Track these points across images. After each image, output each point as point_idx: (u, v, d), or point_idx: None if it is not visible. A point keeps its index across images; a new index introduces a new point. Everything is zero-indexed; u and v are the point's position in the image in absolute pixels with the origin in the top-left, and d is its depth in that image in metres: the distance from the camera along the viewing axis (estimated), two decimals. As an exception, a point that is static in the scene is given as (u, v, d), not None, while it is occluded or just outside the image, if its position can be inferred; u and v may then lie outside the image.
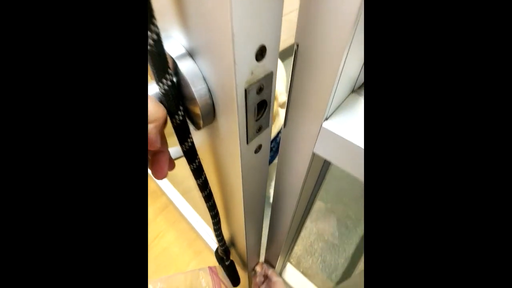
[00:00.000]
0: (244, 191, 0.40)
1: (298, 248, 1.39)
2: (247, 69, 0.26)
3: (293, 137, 0.38)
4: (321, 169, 0.52)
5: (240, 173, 0.36)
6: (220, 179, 0.45)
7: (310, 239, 1.44)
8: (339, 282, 1.32)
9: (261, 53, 0.27)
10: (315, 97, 0.32)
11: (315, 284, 1.25)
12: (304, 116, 0.35)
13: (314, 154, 0.37)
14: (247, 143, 0.33)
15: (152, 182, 1.66)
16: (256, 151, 0.37)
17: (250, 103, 0.29)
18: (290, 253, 1.07)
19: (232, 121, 0.30)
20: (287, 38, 2.26)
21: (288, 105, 0.36)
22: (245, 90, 0.28)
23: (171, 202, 1.55)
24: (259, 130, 0.34)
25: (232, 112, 0.29)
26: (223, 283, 0.77)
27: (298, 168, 0.42)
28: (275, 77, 0.31)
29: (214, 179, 0.47)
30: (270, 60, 0.29)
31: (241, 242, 0.64)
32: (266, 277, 0.84)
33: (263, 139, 0.36)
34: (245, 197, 0.42)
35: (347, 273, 1.34)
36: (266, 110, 0.33)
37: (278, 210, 0.59)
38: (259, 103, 0.31)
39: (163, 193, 1.61)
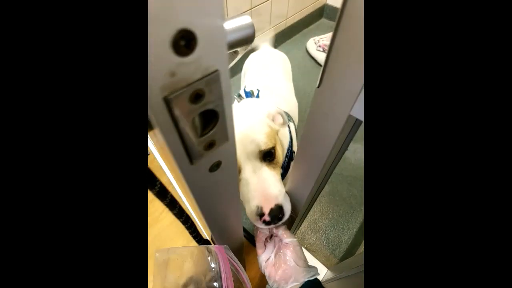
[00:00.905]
0: (203, 212, 0.31)
1: (302, 225, 1.34)
2: (162, 69, 0.16)
3: (328, 98, 0.33)
4: (348, 134, 0.44)
5: (192, 195, 0.27)
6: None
7: (314, 216, 1.38)
8: (342, 258, 1.29)
9: (187, 43, 0.16)
10: (359, 57, 0.25)
11: (319, 260, 1.23)
12: (344, 76, 0.29)
13: (349, 117, 0.33)
14: (191, 163, 0.23)
15: (155, 162, 1.60)
16: (213, 169, 0.27)
17: (182, 116, 0.19)
18: (299, 227, 1.01)
19: (161, 140, 0.20)
20: (295, 13, 2.05)
21: (326, 64, 0.30)
22: (165, 100, 0.17)
23: (171, 183, 1.50)
24: (211, 146, 0.24)
25: (156, 129, 0.19)
26: (233, 262, 0.65)
27: (328, 130, 0.36)
28: (227, 76, 0.20)
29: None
30: (208, 53, 0.18)
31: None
32: (271, 236, 0.66)
33: (223, 155, 0.26)
34: (207, 216, 0.33)
35: (350, 250, 1.31)
36: (219, 122, 0.22)
37: (300, 174, 0.51)
38: (203, 114, 0.21)
39: (164, 174, 1.55)
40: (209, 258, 0.62)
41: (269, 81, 1.04)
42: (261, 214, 0.53)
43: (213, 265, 0.57)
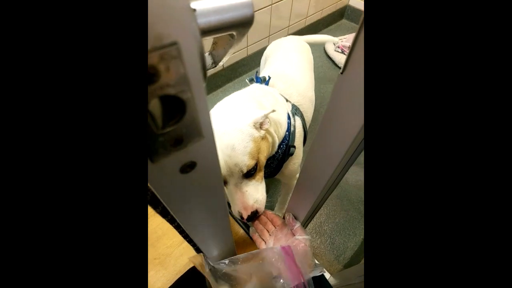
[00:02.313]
0: (178, 217, 0.26)
1: (307, 227, 1.28)
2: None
3: (353, 85, 0.28)
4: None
5: (160, 198, 0.22)
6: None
7: (320, 219, 1.32)
8: (346, 265, 1.23)
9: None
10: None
11: (322, 265, 1.17)
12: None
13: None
14: (152, 161, 0.19)
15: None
16: (185, 171, 0.22)
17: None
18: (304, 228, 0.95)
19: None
20: (315, 12, 1.97)
21: (352, 50, 0.26)
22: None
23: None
24: (179, 143, 0.19)
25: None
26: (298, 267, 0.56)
27: (351, 120, 0.32)
28: (195, 54, 0.15)
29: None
30: (161, 15, 0.12)
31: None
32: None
33: (198, 154, 0.21)
34: (184, 222, 0.28)
35: (355, 258, 1.24)
36: (187, 113, 0.17)
37: (313, 168, 0.46)
38: (167, 102, 0.16)
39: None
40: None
41: (286, 70, 0.98)
42: (241, 216, 0.65)
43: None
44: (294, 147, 0.79)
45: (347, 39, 1.96)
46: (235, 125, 0.61)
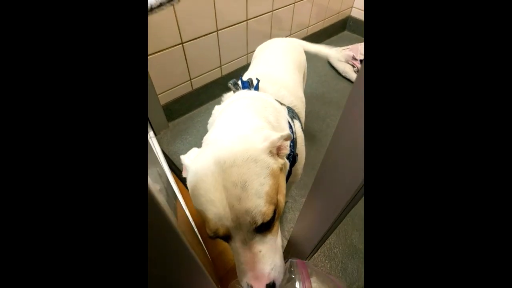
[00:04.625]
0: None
1: (317, 252, 1.08)
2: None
3: None
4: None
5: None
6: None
7: (329, 240, 1.12)
8: (361, 294, 1.02)
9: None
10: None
11: None
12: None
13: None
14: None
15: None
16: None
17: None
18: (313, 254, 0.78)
19: None
20: (316, 22, 1.86)
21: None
22: None
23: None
24: None
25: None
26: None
27: None
28: None
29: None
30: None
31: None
32: None
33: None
34: None
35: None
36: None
37: (327, 185, 0.34)
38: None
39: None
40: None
41: (272, 70, 0.84)
42: None
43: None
44: (297, 155, 0.63)
45: (350, 49, 1.84)
46: (248, 152, 0.42)
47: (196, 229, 0.82)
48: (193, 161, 0.45)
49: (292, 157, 0.59)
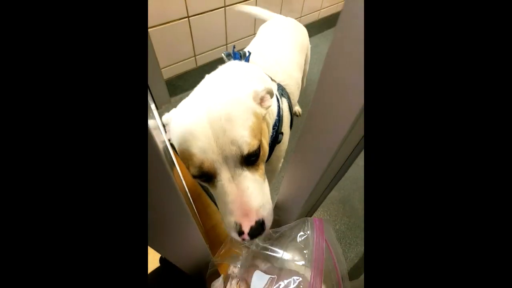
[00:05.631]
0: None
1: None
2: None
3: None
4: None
5: None
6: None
7: (318, 224, 1.14)
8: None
9: None
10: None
11: None
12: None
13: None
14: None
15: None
16: None
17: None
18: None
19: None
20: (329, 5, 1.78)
21: None
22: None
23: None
24: None
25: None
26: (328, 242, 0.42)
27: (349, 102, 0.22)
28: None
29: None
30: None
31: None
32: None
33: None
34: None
35: (355, 271, 1.07)
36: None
37: (305, 160, 0.34)
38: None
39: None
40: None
41: (270, 47, 0.82)
42: (240, 232, 0.39)
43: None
44: (282, 133, 0.63)
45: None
46: (233, 94, 0.44)
47: (191, 200, 0.84)
48: (176, 109, 0.47)
49: (276, 133, 0.60)
